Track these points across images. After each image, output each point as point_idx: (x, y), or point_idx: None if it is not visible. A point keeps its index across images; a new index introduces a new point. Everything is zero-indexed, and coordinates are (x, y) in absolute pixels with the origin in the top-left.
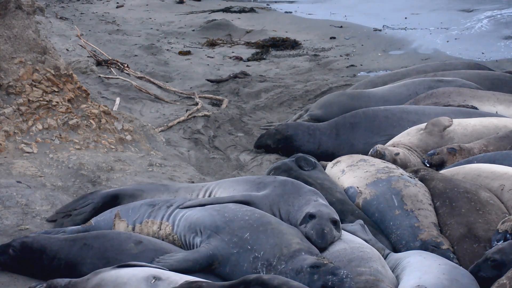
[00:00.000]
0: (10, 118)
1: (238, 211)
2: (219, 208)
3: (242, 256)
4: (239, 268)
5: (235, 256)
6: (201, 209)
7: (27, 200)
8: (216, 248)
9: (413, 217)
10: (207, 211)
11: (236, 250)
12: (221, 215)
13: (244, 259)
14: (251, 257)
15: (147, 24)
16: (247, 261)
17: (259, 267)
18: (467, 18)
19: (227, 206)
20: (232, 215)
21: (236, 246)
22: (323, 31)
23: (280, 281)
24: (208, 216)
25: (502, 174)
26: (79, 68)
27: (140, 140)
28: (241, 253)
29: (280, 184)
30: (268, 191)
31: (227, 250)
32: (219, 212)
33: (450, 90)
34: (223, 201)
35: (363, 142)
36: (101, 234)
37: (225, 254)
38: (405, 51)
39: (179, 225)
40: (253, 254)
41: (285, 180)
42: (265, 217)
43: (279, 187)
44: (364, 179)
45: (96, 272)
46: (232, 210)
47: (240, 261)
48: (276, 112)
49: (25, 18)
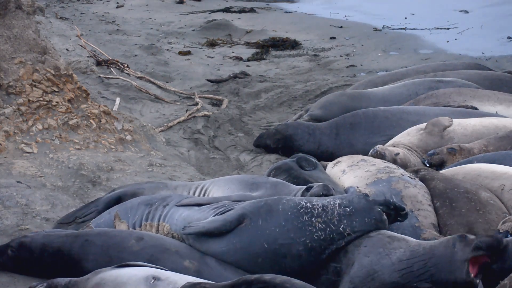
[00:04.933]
0: (10, 118)
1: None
2: (216, 206)
3: (273, 202)
4: (275, 212)
5: (264, 207)
6: (198, 210)
7: (27, 200)
8: (243, 208)
9: (413, 217)
10: (206, 210)
11: (262, 202)
12: (222, 207)
13: (276, 204)
14: (284, 200)
15: (147, 24)
16: (281, 203)
17: (301, 201)
18: (467, 18)
19: (224, 203)
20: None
21: (261, 200)
22: (323, 31)
23: (282, 280)
24: (208, 214)
25: (502, 174)
26: (79, 68)
27: (140, 140)
28: (270, 201)
29: (271, 185)
30: (261, 192)
31: (253, 205)
32: (217, 208)
33: (450, 91)
34: (219, 201)
35: (363, 142)
36: (102, 232)
37: (252, 209)
38: (405, 51)
39: (177, 225)
40: (284, 198)
41: (277, 181)
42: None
43: (270, 188)
44: (365, 179)
45: (96, 272)
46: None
47: (273, 207)
48: (276, 112)
49: (25, 18)
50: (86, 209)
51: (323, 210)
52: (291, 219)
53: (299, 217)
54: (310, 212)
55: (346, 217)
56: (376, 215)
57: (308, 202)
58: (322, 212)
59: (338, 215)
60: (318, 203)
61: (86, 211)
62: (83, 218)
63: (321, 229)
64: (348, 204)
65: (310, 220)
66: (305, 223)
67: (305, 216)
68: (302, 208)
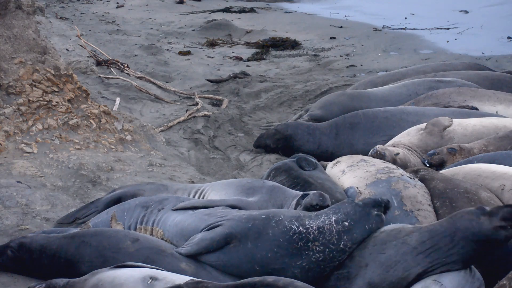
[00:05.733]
0: (10, 118)
1: (229, 212)
2: (209, 212)
3: (262, 225)
4: (265, 237)
5: (252, 229)
6: (191, 214)
7: (27, 200)
8: (231, 227)
9: (413, 217)
10: (197, 216)
11: (250, 223)
12: (213, 216)
13: (265, 227)
14: (273, 222)
15: (147, 24)
16: (270, 226)
17: (293, 225)
18: (467, 18)
19: (217, 209)
20: (225, 215)
21: (249, 219)
22: (323, 31)
23: (285, 282)
24: (199, 221)
25: (502, 174)
26: (79, 68)
27: (140, 140)
28: (258, 222)
29: (267, 190)
30: (257, 197)
31: (241, 225)
32: (210, 215)
33: (450, 90)
34: (215, 204)
35: (363, 142)
36: (99, 232)
37: (241, 230)
38: (405, 51)
39: (170, 230)
40: (273, 220)
41: (273, 186)
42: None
43: (266, 193)
44: (364, 180)
45: (94, 273)
46: (222, 212)
47: (262, 231)
48: (276, 112)
49: (25, 18)
50: (86, 209)
51: (319, 233)
52: (283, 246)
53: (293, 243)
54: (305, 237)
55: (346, 233)
56: (376, 219)
57: (300, 226)
58: (319, 234)
59: (337, 233)
60: (313, 225)
61: (86, 211)
62: (83, 219)
63: (319, 251)
64: (345, 218)
65: (306, 246)
66: (301, 249)
67: (299, 242)
68: (295, 234)
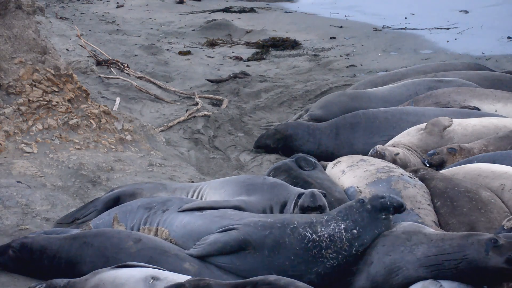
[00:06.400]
0: (10, 118)
1: (242, 215)
2: (219, 213)
3: (279, 233)
4: (282, 246)
5: (269, 237)
6: (200, 216)
7: (27, 200)
8: (247, 233)
9: (414, 214)
10: (208, 217)
11: (267, 231)
12: (226, 219)
13: (282, 236)
14: (289, 230)
15: (147, 24)
16: (286, 234)
17: (307, 233)
18: (467, 18)
19: (227, 211)
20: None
21: (266, 227)
22: (323, 31)
23: (287, 282)
24: (210, 222)
25: (502, 174)
26: (79, 68)
27: (140, 140)
28: (275, 231)
29: (269, 187)
30: (259, 196)
31: (258, 232)
32: (221, 217)
33: (450, 90)
34: (219, 205)
35: (363, 143)
36: (101, 232)
37: (257, 237)
38: (405, 51)
39: (177, 231)
40: (288, 227)
41: (275, 182)
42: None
43: (268, 191)
44: (364, 179)
45: (95, 273)
46: (235, 214)
47: (279, 239)
48: (276, 112)
49: (25, 18)
50: (85, 209)
51: (330, 241)
52: (300, 254)
53: (308, 251)
54: (318, 245)
55: (356, 239)
56: (384, 223)
57: (313, 233)
58: (330, 243)
59: (348, 240)
60: (324, 233)
61: (85, 211)
62: (82, 219)
63: (333, 258)
64: (353, 226)
65: (320, 253)
66: (316, 256)
67: (314, 250)
68: (310, 242)
